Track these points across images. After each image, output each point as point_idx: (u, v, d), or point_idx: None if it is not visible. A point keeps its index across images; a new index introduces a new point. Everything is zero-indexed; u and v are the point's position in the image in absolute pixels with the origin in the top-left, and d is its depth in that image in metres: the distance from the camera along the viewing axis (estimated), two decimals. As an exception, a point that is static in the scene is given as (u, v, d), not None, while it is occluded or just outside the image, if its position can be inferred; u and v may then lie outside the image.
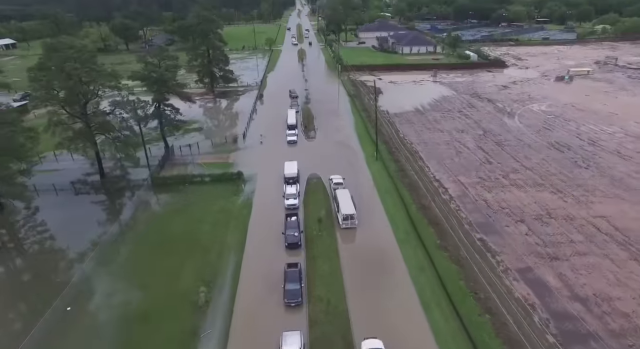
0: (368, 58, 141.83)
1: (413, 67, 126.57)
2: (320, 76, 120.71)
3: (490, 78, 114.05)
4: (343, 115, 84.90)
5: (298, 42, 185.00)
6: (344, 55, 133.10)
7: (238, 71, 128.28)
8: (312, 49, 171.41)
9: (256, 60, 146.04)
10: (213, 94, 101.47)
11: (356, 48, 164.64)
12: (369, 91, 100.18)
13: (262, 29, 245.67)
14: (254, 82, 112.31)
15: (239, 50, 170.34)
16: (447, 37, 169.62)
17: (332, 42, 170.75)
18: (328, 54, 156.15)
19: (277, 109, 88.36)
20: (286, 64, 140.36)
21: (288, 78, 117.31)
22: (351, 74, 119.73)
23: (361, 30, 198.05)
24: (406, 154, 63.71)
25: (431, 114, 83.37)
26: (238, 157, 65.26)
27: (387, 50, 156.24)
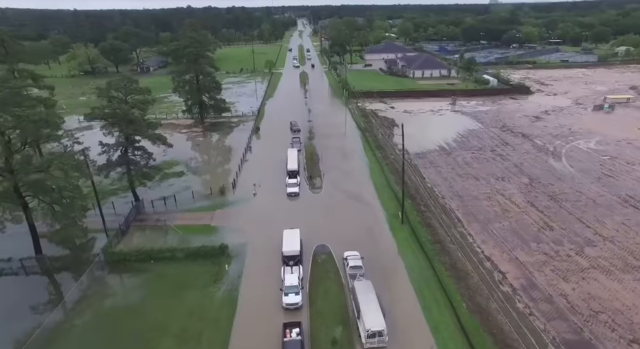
0: (377, 82, 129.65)
1: (428, 93, 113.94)
2: (325, 104, 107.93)
3: (517, 107, 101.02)
4: (354, 155, 71.24)
5: (300, 64, 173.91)
6: (349, 79, 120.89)
7: (233, 97, 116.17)
8: (315, 71, 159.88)
9: (255, 85, 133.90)
10: (202, 126, 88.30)
11: (362, 71, 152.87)
12: (382, 123, 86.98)
13: (262, 49, 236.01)
14: (250, 111, 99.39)
15: (236, 73, 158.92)
16: (460, 60, 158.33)
17: (337, 65, 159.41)
18: (332, 77, 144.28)
19: (276, 146, 74.97)
20: (287, 89, 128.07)
21: (289, 106, 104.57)
22: (359, 102, 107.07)
23: (367, 51, 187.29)
24: (439, 214, 49.63)
25: (460, 154, 69.69)
26: (224, 217, 51.21)
27: (396, 73, 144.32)
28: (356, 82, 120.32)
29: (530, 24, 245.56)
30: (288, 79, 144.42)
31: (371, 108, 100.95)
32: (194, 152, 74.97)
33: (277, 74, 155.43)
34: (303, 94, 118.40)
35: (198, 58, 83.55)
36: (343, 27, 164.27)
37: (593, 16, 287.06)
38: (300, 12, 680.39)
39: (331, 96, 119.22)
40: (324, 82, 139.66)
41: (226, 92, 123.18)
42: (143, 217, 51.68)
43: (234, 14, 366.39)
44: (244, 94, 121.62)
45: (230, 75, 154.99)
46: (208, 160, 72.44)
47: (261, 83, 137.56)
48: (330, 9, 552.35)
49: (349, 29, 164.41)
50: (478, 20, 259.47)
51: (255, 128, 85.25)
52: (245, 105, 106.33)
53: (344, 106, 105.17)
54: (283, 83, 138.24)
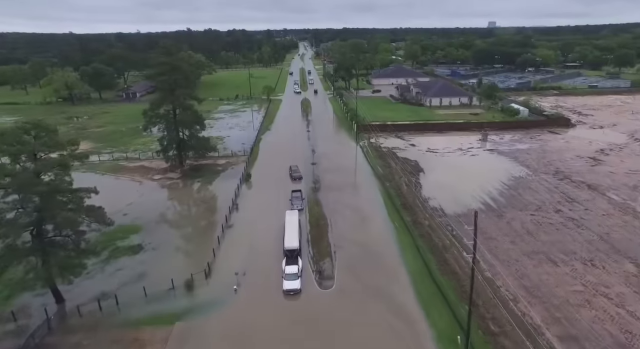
0: (389, 112, 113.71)
1: (451, 126, 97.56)
2: (331, 140, 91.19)
3: (563, 144, 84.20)
4: (374, 218, 53.59)
5: (301, 90, 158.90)
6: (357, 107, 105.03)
7: (224, 130, 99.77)
8: (318, 98, 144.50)
9: (250, 114, 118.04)
10: (181, 171, 71.23)
11: (371, 98, 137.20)
12: (404, 168, 69.83)
13: (261, 73, 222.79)
14: (242, 149, 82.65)
15: (230, 100, 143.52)
16: (478, 86, 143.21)
17: (342, 91, 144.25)
18: (338, 105, 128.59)
19: (271, 201, 57.74)
20: (287, 119, 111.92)
21: (288, 142, 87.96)
22: (372, 136, 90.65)
23: (374, 76, 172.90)
24: (518, 336, 31.67)
25: (515, 217, 52.16)
26: (186, 337, 33.32)
27: (410, 101, 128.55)
28: (365, 112, 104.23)
29: (544, 46, 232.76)
30: (288, 107, 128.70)
31: (387, 145, 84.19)
32: (163, 210, 57.35)
33: (277, 101, 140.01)
34: (305, 126, 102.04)
35: (175, 88, 67.32)
36: (349, 50, 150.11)
37: (606, 39, 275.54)
38: (302, 35, 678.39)
39: (337, 128, 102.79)
40: (328, 110, 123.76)
41: (217, 123, 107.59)
42: (55, 340, 33.49)
43: (234, 36, 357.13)
44: (236, 125, 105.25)
45: (223, 103, 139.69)
46: (179, 224, 54.49)
47: (258, 112, 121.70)
48: (332, 32, 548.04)
49: (355, 52, 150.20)
50: (488, 43, 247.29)
51: (245, 175, 68.04)
52: (236, 141, 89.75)
53: (353, 141, 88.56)
54: (282, 112, 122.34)
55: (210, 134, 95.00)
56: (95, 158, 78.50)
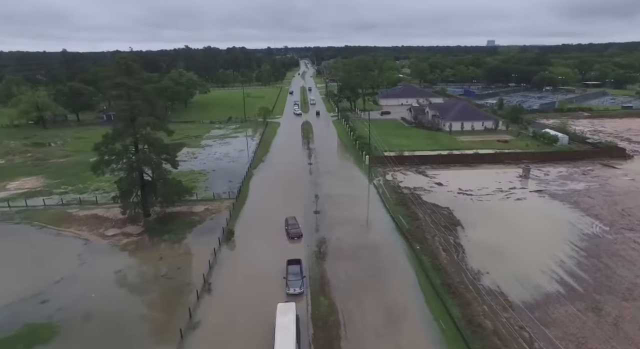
0: (404, 138, 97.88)
1: (480, 158, 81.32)
2: (338, 175, 74.70)
3: (630, 183, 67.37)
4: (408, 313, 36.17)
5: (302, 111, 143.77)
6: (362, 132, 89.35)
7: (209, 162, 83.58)
8: (320, 121, 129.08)
9: (243, 141, 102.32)
10: (143, 224, 54.47)
11: (381, 121, 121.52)
12: (435, 219, 53.11)
13: (260, 92, 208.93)
14: (228, 189, 66.28)
15: (222, 123, 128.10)
16: (500, 107, 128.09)
17: (347, 113, 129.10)
18: (343, 129, 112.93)
19: (257, 280, 40.94)
20: (285, 148, 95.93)
21: (286, 180, 71.59)
22: (387, 170, 74.56)
23: (382, 96, 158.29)
24: None
25: (620, 311, 35.01)
26: None
27: (425, 125, 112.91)
28: (376, 138, 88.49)
29: (560, 64, 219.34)
30: (287, 132, 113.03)
31: (407, 184, 67.74)
32: (102, 293, 40.19)
33: (274, 124, 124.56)
34: (306, 157, 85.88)
35: (137, 117, 51.32)
36: (354, 67, 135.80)
37: (622, 57, 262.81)
38: (303, 53, 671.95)
39: (345, 159, 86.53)
40: (332, 136, 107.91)
41: (202, 153, 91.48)
42: None
43: (233, 54, 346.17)
44: (225, 156, 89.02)
45: (214, 126, 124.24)
46: (118, 323, 36.66)
47: (252, 138, 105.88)
48: (333, 50, 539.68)
49: (361, 70, 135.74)
50: (500, 60, 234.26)
51: (227, 232, 51.24)
52: (223, 176, 73.52)
53: (365, 178, 72.24)
54: (280, 138, 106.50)
55: (192, 168, 79.66)
56: (40, 202, 62.17)
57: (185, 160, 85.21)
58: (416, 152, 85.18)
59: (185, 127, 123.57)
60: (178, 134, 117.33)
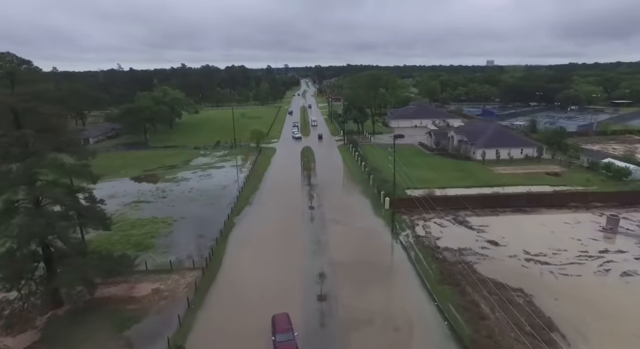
0: (427, 170, 78.54)
1: (536, 199, 61.54)
2: (349, 226, 54.89)
3: None
4: None
5: (302, 134, 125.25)
6: (375, 161, 70.29)
7: (179, 206, 63.44)
8: (323, 146, 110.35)
9: (229, 173, 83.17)
10: (46, 321, 34.40)
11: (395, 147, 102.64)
12: (514, 318, 33.04)
13: (256, 112, 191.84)
14: (194, 252, 46.63)
15: (209, 149, 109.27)
16: (532, 129, 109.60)
17: (354, 136, 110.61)
18: (351, 157, 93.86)
19: None
20: (280, 182, 76.44)
21: (278, 234, 51.82)
22: (415, 217, 55.15)
23: (393, 116, 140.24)
24: None
25: None
26: None
27: (450, 152, 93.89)
28: (389, 168, 69.23)
29: (583, 82, 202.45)
30: (283, 161, 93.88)
31: (448, 244, 47.98)
32: None
33: (269, 150, 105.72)
34: (306, 197, 66.45)
35: (36, 163, 32.19)
36: (364, 83, 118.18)
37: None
38: (304, 72, 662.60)
39: (356, 200, 66.78)
40: (339, 167, 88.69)
41: (174, 191, 71.15)
42: None
43: (231, 72, 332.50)
44: (202, 195, 69.37)
45: (199, 152, 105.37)
46: None
47: (240, 169, 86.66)
48: (335, 69, 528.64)
49: (371, 87, 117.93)
50: (517, 78, 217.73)
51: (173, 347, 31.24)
52: (191, 230, 53.88)
53: (387, 229, 52.59)
54: (275, 169, 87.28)
55: (155, 213, 60.22)
56: None
57: (150, 201, 65.97)
58: (448, 190, 65.93)
59: (164, 154, 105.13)
60: (152, 163, 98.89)
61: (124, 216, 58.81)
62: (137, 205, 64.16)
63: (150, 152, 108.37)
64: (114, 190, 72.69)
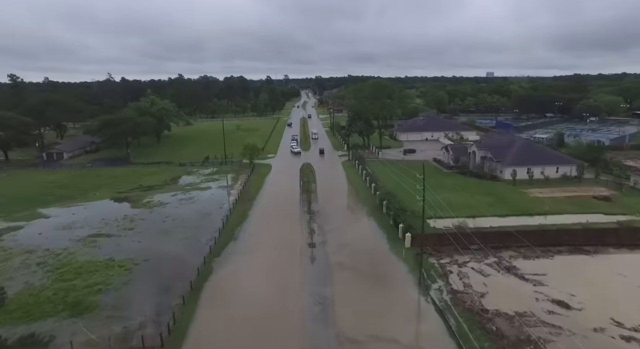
0: (450, 193, 65.46)
1: (596, 237, 48.54)
2: (361, 273, 41.88)
3: None
4: None
5: (302, 149, 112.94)
6: (387, 182, 57.70)
7: (146, 240, 49.62)
8: (325, 162, 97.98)
9: (216, 196, 70.40)
10: None
11: (406, 163, 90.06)
12: None
13: (253, 124, 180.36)
14: (149, 317, 33.77)
15: (196, 166, 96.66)
16: (560, 143, 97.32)
17: (359, 150, 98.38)
18: (357, 176, 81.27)
19: None
20: (273, 209, 63.42)
21: (268, 289, 38.65)
22: (445, 259, 42.29)
23: (401, 129, 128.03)
24: None
25: None
26: None
27: (471, 170, 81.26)
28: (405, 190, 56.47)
29: (599, 91, 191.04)
30: (279, 181, 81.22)
31: (499, 305, 34.97)
32: None
33: (264, 167, 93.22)
34: (306, 229, 53.59)
35: None
36: (370, 92, 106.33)
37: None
38: (304, 84, 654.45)
39: (368, 233, 53.80)
40: (344, 188, 75.97)
41: (145, 220, 56.93)
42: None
43: (229, 83, 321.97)
44: (179, 226, 56.27)
45: (184, 171, 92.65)
46: None
47: (229, 191, 73.93)
48: (335, 80, 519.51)
49: (378, 96, 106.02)
50: (528, 88, 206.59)
51: None
52: (153, 279, 40.85)
53: (410, 277, 39.64)
54: (269, 190, 74.55)
55: (112, 254, 47.37)
56: None
57: (112, 235, 53.14)
58: (479, 220, 53.21)
59: (145, 171, 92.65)
60: (128, 183, 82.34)
61: (71, 258, 45.93)
62: (94, 241, 51.27)
63: (130, 169, 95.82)
64: (73, 218, 60.01)
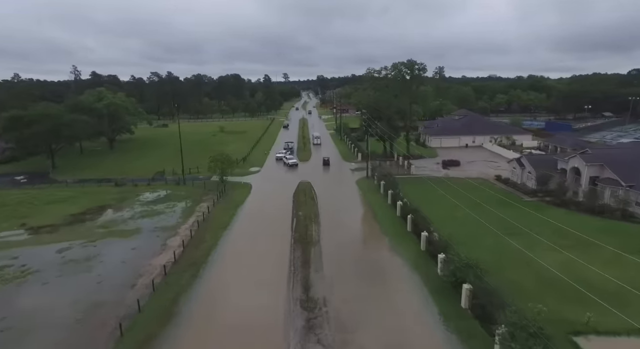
0: (567, 250, 34.29)
1: None
2: None
3: None
4: None
5: (299, 160, 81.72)
6: (440, 221, 27.28)
7: None
8: (331, 177, 66.65)
9: (143, 250, 39.34)
10: None
11: (448, 182, 58.00)
12: None
13: (241, 125, 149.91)
14: None
15: (139, 185, 65.30)
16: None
17: (380, 163, 67.42)
18: (386, 210, 50.11)
19: None
20: (239, 284, 32.16)
21: None
22: None
23: (432, 132, 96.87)
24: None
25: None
26: None
27: (566, 196, 50.07)
28: (471, 243, 25.16)
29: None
30: (258, 215, 49.42)
31: None
32: None
33: (241, 188, 62.06)
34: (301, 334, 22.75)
35: None
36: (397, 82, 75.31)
37: None
38: (305, 85, 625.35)
39: None
40: (365, 231, 44.78)
41: None
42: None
43: (222, 81, 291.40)
44: (20, 345, 25.88)
45: (115, 197, 61.35)
46: None
47: (165, 242, 42.69)
48: (338, 80, 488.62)
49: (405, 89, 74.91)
50: (570, 83, 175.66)
51: None
52: None
53: None
54: (235, 238, 43.16)
55: None
56: None
57: None
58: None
59: (55, 196, 60.74)
60: (3, 220, 48.08)
61: None
62: None
63: (34, 192, 64.09)
64: None
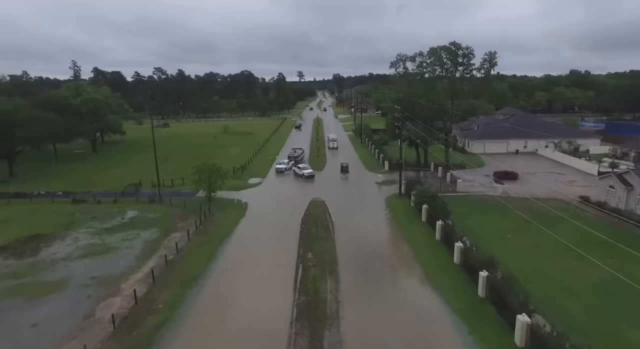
0: None
1: None
2: None
3: None
4: None
5: (312, 167, 66.05)
6: None
7: None
8: (351, 193, 50.67)
9: (72, 315, 24.45)
10: None
11: (515, 204, 41.80)
12: None
13: (248, 126, 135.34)
14: None
15: (105, 202, 50.54)
16: None
17: (420, 173, 51.14)
18: (436, 251, 34.35)
19: None
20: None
21: None
22: None
23: (473, 136, 79.92)
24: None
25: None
26: None
27: None
28: None
29: None
30: (250, 258, 34.09)
31: None
32: None
33: (232, 208, 46.86)
34: None
35: None
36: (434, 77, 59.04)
37: None
38: (321, 85, 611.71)
39: None
40: (404, 293, 28.93)
41: None
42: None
43: (233, 79, 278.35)
44: None
45: (69, 219, 46.83)
46: None
47: (97, 306, 27.75)
48: (354, 79, 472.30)
49: (451, 78, 58.66)
50: (625, 78, 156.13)
51: None
52: None
53: None
54: (211, 310, 27.81)
55: None
56: None
57: None
58: None
59: None
60: None
61: None
62: None
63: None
64: None
